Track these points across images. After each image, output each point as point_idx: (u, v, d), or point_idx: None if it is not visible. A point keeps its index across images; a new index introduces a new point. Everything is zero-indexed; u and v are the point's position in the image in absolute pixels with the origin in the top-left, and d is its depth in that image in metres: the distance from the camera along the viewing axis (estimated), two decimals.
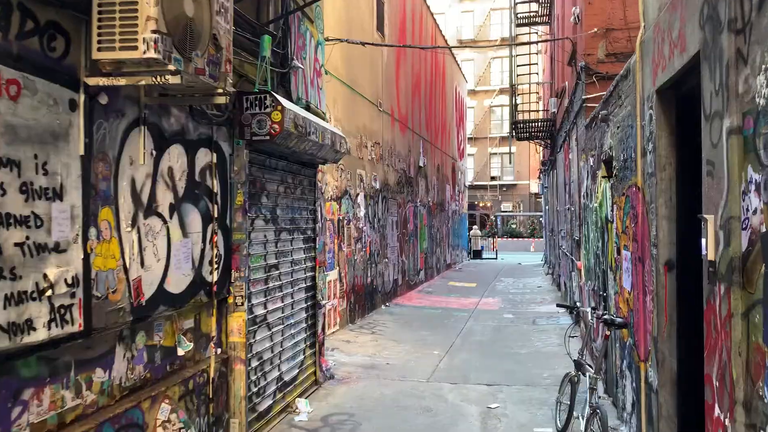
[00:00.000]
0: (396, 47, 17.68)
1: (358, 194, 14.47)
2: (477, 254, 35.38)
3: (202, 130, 5.84)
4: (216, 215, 6.06)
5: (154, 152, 5.02)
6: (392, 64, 18.09)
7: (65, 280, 3.95)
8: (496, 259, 35.53)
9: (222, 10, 4.71)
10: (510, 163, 50.40)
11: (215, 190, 6.06)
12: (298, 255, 8.22)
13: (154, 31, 3.84)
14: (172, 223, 5.29)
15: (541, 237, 38.18)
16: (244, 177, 6.52)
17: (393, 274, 17.85)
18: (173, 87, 4.59)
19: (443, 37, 27.36)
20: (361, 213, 14.81)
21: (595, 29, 10.10)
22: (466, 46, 46.62)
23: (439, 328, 13.78)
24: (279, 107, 6.39)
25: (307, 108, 8.34)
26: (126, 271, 4.62)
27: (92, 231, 4.23)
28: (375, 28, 16.30)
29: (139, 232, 4.79)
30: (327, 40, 10.17)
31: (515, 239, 44.69)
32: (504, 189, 49.91)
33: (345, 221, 13.49)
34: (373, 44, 11.50)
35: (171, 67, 4.01)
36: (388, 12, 17.56)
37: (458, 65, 32.17)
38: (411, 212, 20.61)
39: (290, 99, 7.89)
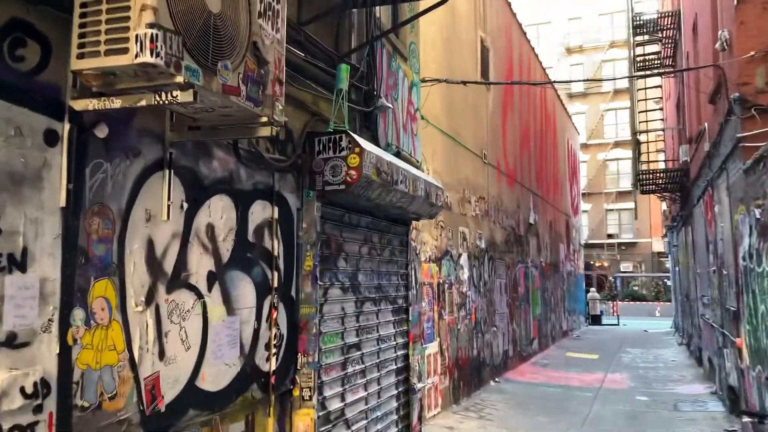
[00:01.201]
0: (501, 97, 16.29)
1: (460, 255, 12.93)
2: (596, 320, 32.38)
3: (260, 178, 4.63)
4: (276, 284, 4.76)
5: (185, 204, 3.82)
6: (498, 114, 16.69)
7: (22, 388, 2.71)
8: (617, 325, 32.35)
9: (269, 13, 3.51)
10: (634, 218, 46.95)
11: (276, 253, 4.78)
12: (387, 330, 6.76)
13: (151, 25, 2.65)
14: (212, 298, 4.03)
15: (669, 301, 34.55)
16: (315, 236, 5.22)
17: (503, 345, 15.94)
18: (204, 115, 3.39)
19: (553, 87, 25.76)
20: (465, 276, 13.21)
21: (752, 53, 8.23)
22: (576, 97, 44.58)
23: (559, 412, 11.72)
24: (357, 149, 5.09)
25: (398, 155, 7.03)
26: (134, 366, 3.35)
27: (77, 314, 3.01)
28: (479, 77, 15.05)
29: (157, 311, 3.54)
30: (423, 81, 8.95)
31: (638, 302, 40.96)
32: (623, 248, 46.41)
33: (446, 285, 11.95)
34: (475, 82, 10.24)
35: (179, 79, 2.79)
36: (493, 60, 16.31)
37: (569, 116, 30.29)
38: (521, 274, 18.70)
39: (377, 143, 6.62)
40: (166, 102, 2.84)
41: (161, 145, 3.63)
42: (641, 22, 19.82)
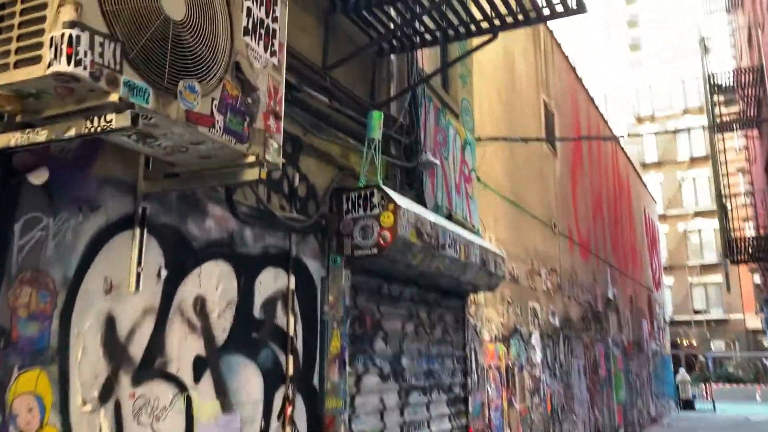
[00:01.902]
0: (570, 163, 15.31)
1: (531, 333, 11.68)
2: (687, 404, 29.46)
3: (272, 240, 3.86)
4: (292, 372, 3.89)
5: (164, 272, 3.06)
6: (567, 180, 15.66)
7: None
8: (714, 411, 29.33)
9: (260, 31, 2.82)
10: (727, 291, 43.79)
11: (292, 332, 3.94)
12: (441, 425, 5.71)
13: (70, 24, 1.97)
14: (200, 390, 3.19)
15: None
16: (344, 311, 4.36)
17: None
18: (179, 157, 2.68)
19: (625, 153, 24.54)
20: (538, 357, 11.90)
21: None
22: (650, 166, 42.84)
23: None
24: (390, 206, 4.28)
25: (449, 218, 6.17)
26: None
27: None
28: (544, 141, 14.19)
29: (117, 410, 2.73)
30: (479, 139, 8.16)
31: (734, 385, 37.35)
32: (712, 325, 42.99)
33: (516, 368, 10.69)
34: (536, 139, 9.37)
35: (113, 97, 2.08)
36: (559, 125, 15.45)
37: (644, 184, 28.74)
38: (601, 354, 17.04)
39: (423, 204, 5.80)
40: (98, 130, 2.12)
41: (132, 196, 2.92)
42: (718, 83, 18.66)
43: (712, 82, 18.56)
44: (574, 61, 18.30)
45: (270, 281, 3.82)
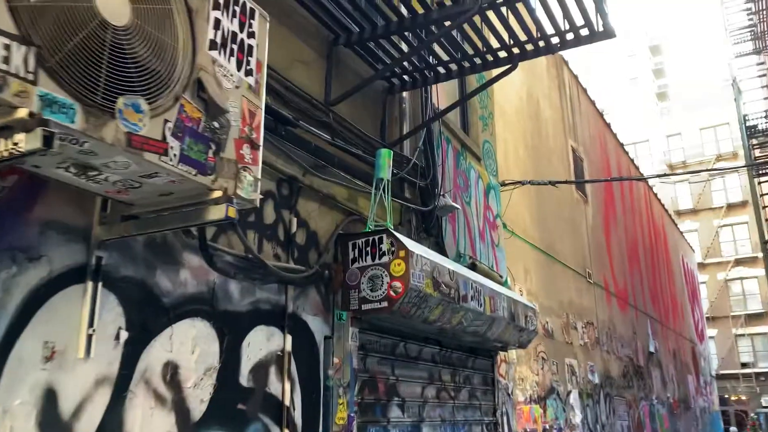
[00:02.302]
0: (602, 211, 14.67)
1: (570, 392, 10.85)
2: None
3: (263, 294, 3.37)
4: None
5: (124, 334, 2.57)
6: (600, 230, 14.98)
7: None
8: None
9: (231, 46, 2.40)
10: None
11: (288, 402, 3.39)
12: None
13: None
14: None
15: None
16: (352, 375, 3.81)
17: None
18: (135, 195, 2.24)
19: (659, 200, 23.75)
20: (577, 418, 11.02)
21: None
22: (685, 214, 41.68)
23: None
24: (402, 253, 3.77)
25: (473, 267, 5.62)
26: None
27: None
28: (574, 188, 13.63)
29: None
30: (503, 184, 7.65)
31: None
32: (762, 378, 40.80)
33: (554, 431, 9.86)
34: (563, 182, 8.79)
35: (22, 113, 1.65)
36: (588, 170, 14.89)
37: (680, 233, 27.73)
38: (646, 413, 15.93)
39: (443, 253, 5.28)
40: (5, 155, 1.68)
41: (85, 244, 2.46)
42: (754, 124, 18.01)
43: (747, 123, 17.92)
44: (602, 109, 17.86)
45: (261, 342, 3.31)
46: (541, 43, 4.48)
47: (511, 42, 4.48)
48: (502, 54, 4.61)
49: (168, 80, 2.10)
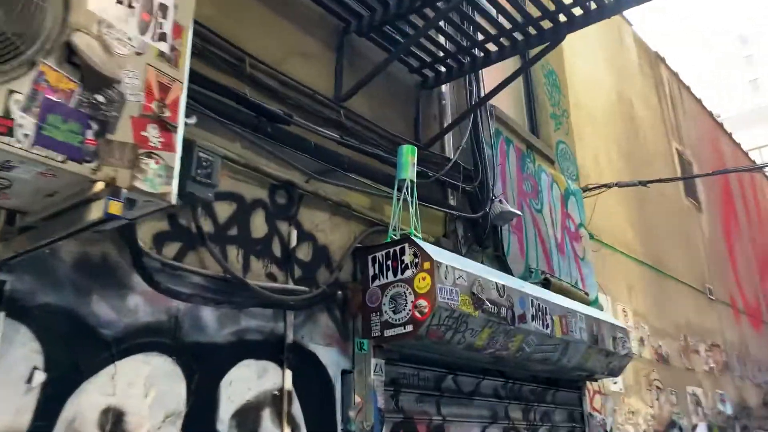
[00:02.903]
0: (721, 220, 13.11)
1: (695, 426, 9.44)
2: None
3: (251, 322, 2.81)
4: None
5: (40, 376, 2.09)
6: (720, 241, 13.35)
7: None
8: None
9: (133, 5, 1.90)
10: None
11: None
12: None
13: None
14: None
15: None
16: (376, 417, 3.14)
17: None
18: (21, 199, 1.77)
19: None
20: None
21: None
22: None
23: None
24: (426, 264, 3.10)
25: (546, 284, 4.81)
26: None
27: None
28: (684, 194, 12.24)
29: None
30: (586, 189, 6.74)
31: None
32: None
33: None
34: (657, 181, 7.60)
35: None
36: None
37: None
38: None
39: (505, 269, 4.54)
40: None
41: None
42: None
43: None
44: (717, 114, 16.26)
45: (249, 380, 2.73)
46: (593, 5, 3.72)
47: (555, 8, 3.75)
48: (546, 24, 3.88)
49: (17, 41, 1.61)
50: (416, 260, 3.18)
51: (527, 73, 6.34)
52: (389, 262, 3.29)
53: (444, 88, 4.58)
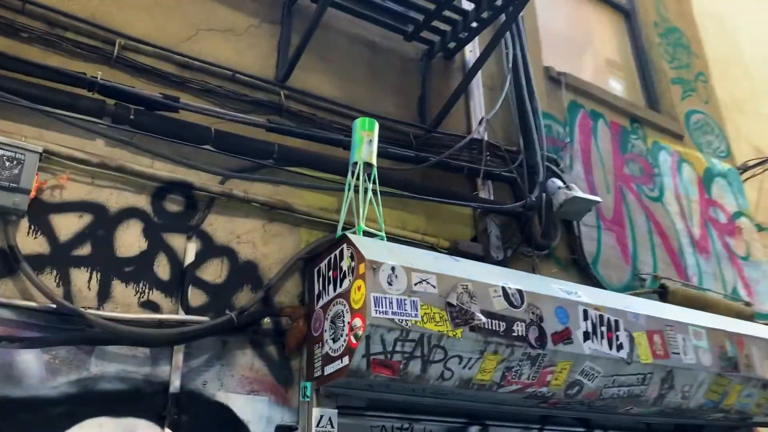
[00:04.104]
0: None
1: None
2: None
3: (109, 367, 2.12)
4: None
5: None
6: None
7: None
8: None
9: None
10: None
11: None
12: None
13: None
14: None
15: None
16: None
17: None
18: None
19: None
20: None
21: None
22: None
23: None
24: (361, 268, 2.18)
25: (662, 294, 3.45)
26: None
27: None
28: None
29: None
30: (745, 168, 5.05)
31: None
32: None
33: None
34: None
35: None
36: None
37: None
38: None
39: (590, 280, 3.35)
40: None
41: None
42: None
43: None
44: None
45: None
46: None
47: None
48: None
49: None
50: (353, 264, 2.25)
51: (633, 35, 5.04)
52: (330, 273, 2.40)
53: (469, 53, 3.61)
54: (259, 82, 2.80)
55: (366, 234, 2.48)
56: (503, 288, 2.45)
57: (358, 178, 2.57)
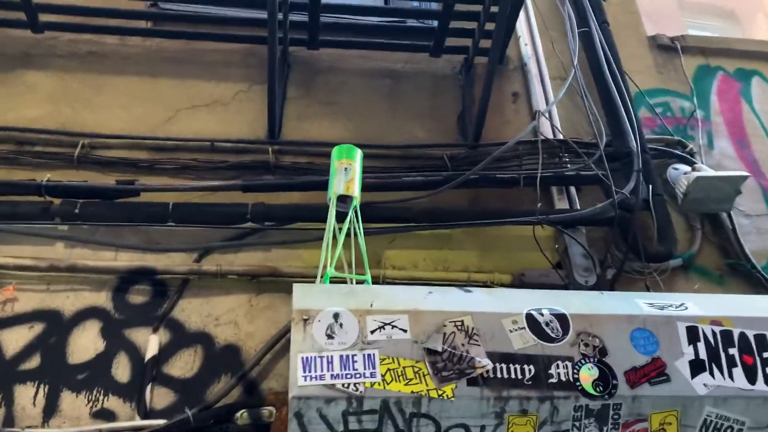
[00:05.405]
0: None
1: None
2: None
3: None
4: None
5: None
6: None
7: None
8: None
9: None
10: None
11: None
12: None
13: None
14: None
15: None
16: None
17: None
18: None
19: None
20: None
21: None
22: None
23: None
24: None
25: None
26: None
27: None
28: None
29: None
30: None
31: None
32: None
33: None
34: None
35: None
36: None
37: None
38: None
39: (757, 287, 2.34)
40: None
41: None
42: None
43: None
44: None
45: None
46: None
47: None
48: None
49: None
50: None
51: None
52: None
53: (526, 49, 2.95)
54: (244, 144, 2.50)
55: (343, 282, 1.92)
56: (529, 315, 1.68)
57: (338, 218, 2.05)
